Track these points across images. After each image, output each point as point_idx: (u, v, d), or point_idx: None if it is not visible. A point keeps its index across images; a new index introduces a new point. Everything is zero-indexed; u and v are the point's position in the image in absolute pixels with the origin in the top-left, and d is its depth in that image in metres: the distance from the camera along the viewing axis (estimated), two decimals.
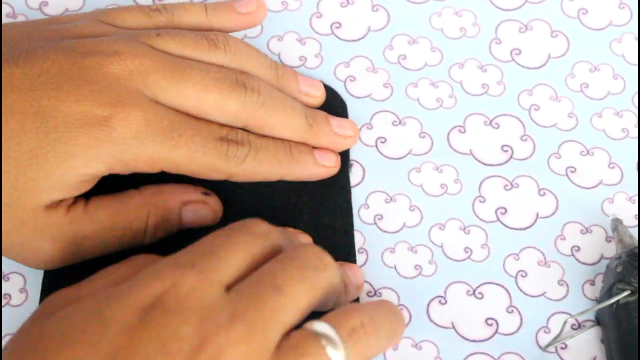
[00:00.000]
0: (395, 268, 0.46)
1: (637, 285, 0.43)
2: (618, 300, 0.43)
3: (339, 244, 0.46)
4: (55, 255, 0.43)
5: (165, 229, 0.45)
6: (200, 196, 0.45)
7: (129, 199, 0.44)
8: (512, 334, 0.45)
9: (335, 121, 0.48)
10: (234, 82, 0.45)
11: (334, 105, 0.50)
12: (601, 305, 0.44)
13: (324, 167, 0.47)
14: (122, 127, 0.42)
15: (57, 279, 0.44)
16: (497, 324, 0.45)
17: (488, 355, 0.44)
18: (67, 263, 0.43)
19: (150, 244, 0.45)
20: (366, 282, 0.46)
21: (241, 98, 0.45)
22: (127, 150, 0.42)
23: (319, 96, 0.50)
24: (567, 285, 0.46)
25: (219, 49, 0.46)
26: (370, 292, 0.45)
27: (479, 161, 0.49)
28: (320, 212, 0.47)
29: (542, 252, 0.47)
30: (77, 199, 0.43)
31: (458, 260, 0.46)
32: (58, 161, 0.41)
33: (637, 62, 0.52)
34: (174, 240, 0.45)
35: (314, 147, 0.48)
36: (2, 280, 0.45)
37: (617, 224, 0.46)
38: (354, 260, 0.46)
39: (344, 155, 0.48)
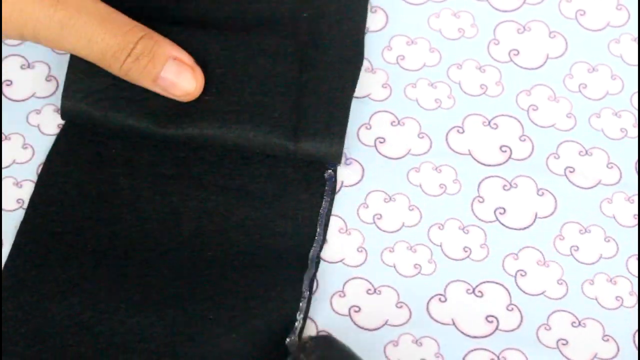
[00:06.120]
0: (394, 267, 0.46)
1: None
2: None
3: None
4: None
5: (143, 66, 0.46)
6: (192, 61, 0.47)
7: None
8: (512, 330, 0.45)
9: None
10: None
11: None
12: None
13: None
14: None
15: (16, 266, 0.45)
16: (498, 321, 0.45)
17: (489, 351, 0.44)
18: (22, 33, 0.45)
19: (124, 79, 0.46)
20: (366, 280, 0.46)
21: None
22: None
23: None
24: (567, 284, 0.46)
25: None
26: (370, 289, 0.45)
27: (478, 161, 0.49)
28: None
29: (541, 252, 0.47)
30: None
31: (457, 260, 0.46)
32: None
33: (635, 63, 0.52)
34: None
35: None
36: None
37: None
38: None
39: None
